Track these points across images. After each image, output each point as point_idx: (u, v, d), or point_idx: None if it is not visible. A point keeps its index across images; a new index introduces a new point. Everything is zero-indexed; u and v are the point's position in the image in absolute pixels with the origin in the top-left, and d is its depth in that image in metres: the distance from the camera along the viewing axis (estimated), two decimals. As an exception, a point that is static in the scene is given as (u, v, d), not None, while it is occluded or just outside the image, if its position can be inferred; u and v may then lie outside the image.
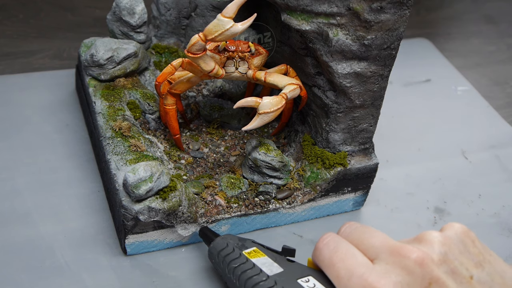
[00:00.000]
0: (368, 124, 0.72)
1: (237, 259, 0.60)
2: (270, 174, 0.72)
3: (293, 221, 0.75)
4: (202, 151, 0.78)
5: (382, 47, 0.65)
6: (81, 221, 0.71)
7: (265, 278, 0.56)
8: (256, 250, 0.61)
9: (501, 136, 0.95)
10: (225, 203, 0.71)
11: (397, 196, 0.82)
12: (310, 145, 0.75)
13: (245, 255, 0.60)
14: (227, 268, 0.60)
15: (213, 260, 0.63)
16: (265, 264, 0.58)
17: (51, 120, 0.83)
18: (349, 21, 0.64)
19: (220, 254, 0.62)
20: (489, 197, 0.84)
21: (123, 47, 0.77)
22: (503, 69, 1.13)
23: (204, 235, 0.67)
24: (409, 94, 1.01)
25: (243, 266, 0.58)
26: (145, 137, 0.72)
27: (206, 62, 0.67)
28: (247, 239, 0.64)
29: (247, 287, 0.56)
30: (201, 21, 0.85)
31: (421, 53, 1.11)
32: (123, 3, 0.78)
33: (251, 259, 0.59)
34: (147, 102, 0.77)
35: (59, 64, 0.96)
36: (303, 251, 0.72)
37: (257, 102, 0.65)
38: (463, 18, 1.26)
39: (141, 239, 0.67)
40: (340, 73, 0.67)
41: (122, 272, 0.67)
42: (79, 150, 0.80)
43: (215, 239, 0.64)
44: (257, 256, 0.60)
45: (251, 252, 0.61)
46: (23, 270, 0.65)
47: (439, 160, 0.89)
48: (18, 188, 0.74)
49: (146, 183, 0.63)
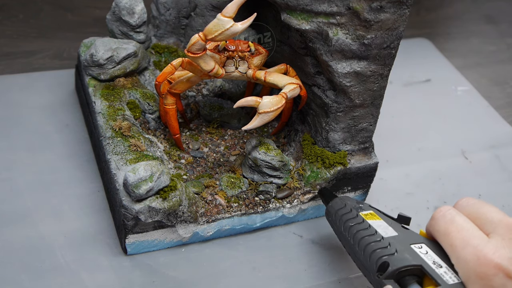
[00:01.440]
0: (368, 124, 0.72)
1: (354, 218, 0.62)
2: (270, 173, 0.72)
3: (293, 221, 0.75)
4: (202, 150, 0.78)
5: (382, 47, 0.65)
6: (81, 221, 0.71)
7: (380, 238, 0.57)
8: (373, 213, 0.63)
9: (501, 136, 0.95)
10: (225, 202, 0.71)
11: (397, 196, 0.82)
12: (310, 144, 0.75)
13: (361, 216, 0.62)
14: (343, 226, 0.62)
15: (330, 218, 0.66)
16: (381, 226, 0.60)
17: (51, 120, 0.83)
18: (349, 20, 0.64)
19: (337, 213, 0.64)
20: (489, 197, 0.84)
21: (122, 47, 0.77)
22: (503, 69, 1.13)
23: (323, 194, 0.71)
24: (409, 94, 1.01)
25: (359, 226, 0.60)
26: (145, 137, 0.72)
27: (206, 62, 0.67)
28: (364, 203, 0.66)
29: (361, 245, 0.58)
30: (201, 20, 0.85)
31: (421, 53, 1.11)
32: (123, 3, 0.78)
33: (367, 220, 0.61)
34: (147, 101, 0.77)
35: (59, 64, 0.96)
36: (303, 251, 0.72)
37: (257, 101, 0.65)
38: (463, 18, 1.26)
39: (141, 238, 0.67)
40: (340, 73, 0.67)
41: (122, 272, 0.67)
42: (79, 150, 0.80)
43: (333, 198, 0.67)
44: (373, 218, 0.62)
45: (368, 214, 0.63)
46: (23, 270, 0.65)
47: (439, 160, 0.89)
48: (18, 188, 0.74)
49: (146, 182, 0.63)
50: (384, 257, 0.55)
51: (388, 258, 0.55)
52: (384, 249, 0.56)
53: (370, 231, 0.59)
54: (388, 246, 0.56)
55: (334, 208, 0.66)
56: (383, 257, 0.55)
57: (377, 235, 0.58)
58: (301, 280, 0.69)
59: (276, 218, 0.73)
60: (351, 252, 0.61)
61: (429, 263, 0.53)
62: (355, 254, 0.59)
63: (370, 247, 0.57)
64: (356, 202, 0.66)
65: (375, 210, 0.64)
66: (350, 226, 0.61)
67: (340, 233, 0.63)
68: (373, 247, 0.57)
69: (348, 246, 0.61)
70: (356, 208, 0.64)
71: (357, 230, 0.60)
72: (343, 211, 0.64)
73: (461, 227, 0.52)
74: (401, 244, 0.56)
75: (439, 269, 0.53)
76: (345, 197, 0.68)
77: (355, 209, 0.64)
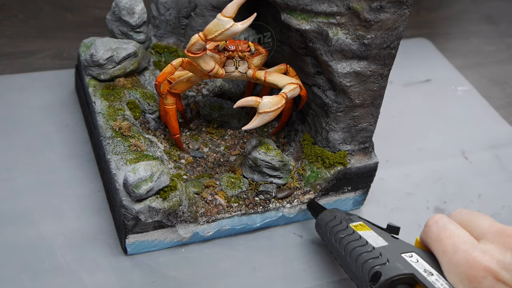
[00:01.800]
0: (368, 123, 0.72)
1: (344, 230, 0.62)
2: (270, 173, 0.72)
3: (293, 221, 0.75)
4: (202, 150, 0.78)
5: (382, 46, 0.65)
6: (81, 221, 0.71)
7: (371, 249, 0.58)
8: (362, 224, 0.64)
9: (501, 136, 0.95)
10: (225, 202, 0.71)
11: (397, 196, 0.82)
12: (310, 144, 0.75)
13: (352, 227, 0.62)
14: (334, 238, 0.63)
15: (319, 231, 0.67)
16: (371, 237, 0.60)
17: (51, 120, 0.83)
18: (349, 20, 0.64)
19: (327, 225, 0.65)
20: (489, 197, 0.84)
21: (122, 47, 0.77)
22: (503, 69, 1.13)
23: (312, 207, 0.71)
24: (409, 94, 1.01)
25: (349, 237, 0.61)
26: (145, 137, 0.72)
27: (206, 62, 0.67)
28: (353, 214, 0.66)
29: (353, 256, 0.58)
30: (201, 20, 0.85)
31: (421, 53, 1.11)
32: (123, 3, 0.78)
33: (357, 231, 0.61)
34: (147, 101, 0.77)
35: (59, 64, 0.96)
36: (303, 251, 0.72)
37: (257, 101, 0.65)
38: (463, 18, 1.26)
39: (141, 238, 0.67)
40: (340, 73, 0.67)
41: (122, 272, 0.67)
42: (79, 150, 0.80)
43: (323, 211, 0.68)
44: (363, 229, 0.62)
45: (358, 225, 0.63)
46: (23, 270, 0.65)
47: (439, 160, 0.89)
48: (18, 188, 0.74)
49: (146, 182, 0.63)
50: (376, 267, 0.55)
51: (380, 267, 0.55)
52: (375, 259, 0.56)
53: (361, 241, 0.60)
54: (379, 256, 0.56)
55: (324, 221, 0.66)
56: (375, 267, 0.55)
57: (368, 245, 0.59)
58: (301, 280, 0.69)
59: (276, 218, 0.73)
60: (343, 264, 0.61)
61: (420, 271, 0.54)
62: (347, 265, 0.60)
63: (361, 258, 0.57)
64: (346, 214, 0.66)
65: (365, 221, 0.65)
66: (341, 238, 0.62)
67: (331, 245, 0.63)
68: (365, 258, 0.57)
69: (339, 258, 0.62)
70: (345, 219, 0.65)
71: (348, 241, 0.60)
72: (333, 223, 0.65)
73: (452, 233, 0.53)
74: (392, 253, 0.57)
75: (431, 277, 0.53)
76: (334, 210, 0.68)
77: (345, 221, 0.64)
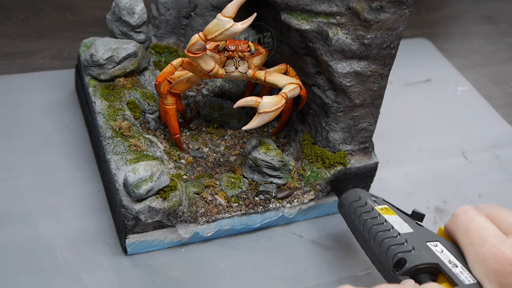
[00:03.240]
0: (368, 123, 0.72)
1: (369, 212, 0.62)
2: (270, 173, 0.72)
3: (293, 221, 0.75)
4: (202, 150, 0.78)
5: (382, 46, 0.65)
6: (81, 221, 0.71)
7: (396, 235, 0.57)
8: (387, 208, 0.63)
9: (501, 136, 0.95)
10: (225, 202, 0.71)
11: (397, 196, 0.82)
12: (310, 144, 0.75)
13: (377, 210, 0.62)
14: (358, 219, 0.62)
15: (343, 210, 0.65)
16: (396, 222, 0.60)
17: (51, 120, 0.83)
18: (349, 20, 0.64)
19: (351, 205, 0.64)
20: (489, 197, 0.84)
21: (122, 47, 0.77)
22: (503, 69, 1.13)
23: (335, 185, 0.71)
24: (409, 94, 1.01)
25: (374, 220, 0.60)
26: (145, 137, 0.72)
27: (206, 62, 0.67)
28: (378, 197, 0.66)
29: (377, 240, 0.58)
30: (201, 20, 0.85)
31: (421, 53, 1.11)
32: (123, 3, 0.78)
33: (383, 215, 0.61)
34: (147, 101, 0.77)
35: (59, 64, 0.96)
36: (303, 251, 0.72)
37: (257, 101, 0.65)
38: (463, 18, 1.26)
39: (141, 238, 0.67)
40: (340, 73, 0.67)
41: (122, 272, 0.67)
42: (79, 150, 0.80)
43: (347, 190, 0.67)
44: (388, 213, 0.62)
45: (383, 209, 0.63)
46: (23, 270, 0.65)
47: (439, 160, 0.89)
48: (18, 188, 0.74)
49: (146, 182, 0.63)
50: (400, 253, 0.55)
51: (405, 254, 0.55)
52: (400, 245, 0.56)
53: (386, 226, 0.59)
54: (405, 242, 0.56)
55: (348, 200, 0.65)
56: (400, 253, 0.55)
57: (393, 230, 0.58)
58: (301, 280, 0.69)
59: (276, 218, 0.73)
60: (365, 246, 0.61)
61: (445, 262, 0.54)
62: (370, 248, 0.59)
63: (386, 243, 0.57)
64: (371, 195, 0.66)
65: (390, 205, 0.64)
66: (365, 220, 0.61)
67: (354, 225, 0.63)
68: (390, 243, 0.57)
69: (362, 240, 0.61)
70: (371, 201, 0.64)
71: (372, 225, 0.60)
72: (357, 204, 0.64)
73: (481, 225, 0.53)
74: (417, 241, 0.56)
75: (455, 269, 0.53)
76: (359, 190, 0.67)
77: (370, 203, 0.63)
